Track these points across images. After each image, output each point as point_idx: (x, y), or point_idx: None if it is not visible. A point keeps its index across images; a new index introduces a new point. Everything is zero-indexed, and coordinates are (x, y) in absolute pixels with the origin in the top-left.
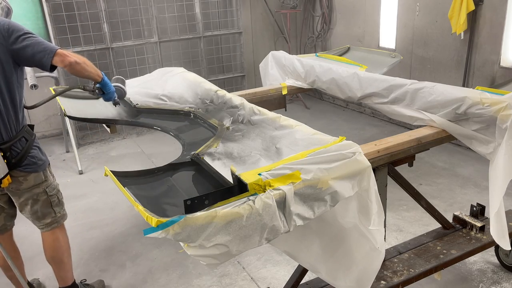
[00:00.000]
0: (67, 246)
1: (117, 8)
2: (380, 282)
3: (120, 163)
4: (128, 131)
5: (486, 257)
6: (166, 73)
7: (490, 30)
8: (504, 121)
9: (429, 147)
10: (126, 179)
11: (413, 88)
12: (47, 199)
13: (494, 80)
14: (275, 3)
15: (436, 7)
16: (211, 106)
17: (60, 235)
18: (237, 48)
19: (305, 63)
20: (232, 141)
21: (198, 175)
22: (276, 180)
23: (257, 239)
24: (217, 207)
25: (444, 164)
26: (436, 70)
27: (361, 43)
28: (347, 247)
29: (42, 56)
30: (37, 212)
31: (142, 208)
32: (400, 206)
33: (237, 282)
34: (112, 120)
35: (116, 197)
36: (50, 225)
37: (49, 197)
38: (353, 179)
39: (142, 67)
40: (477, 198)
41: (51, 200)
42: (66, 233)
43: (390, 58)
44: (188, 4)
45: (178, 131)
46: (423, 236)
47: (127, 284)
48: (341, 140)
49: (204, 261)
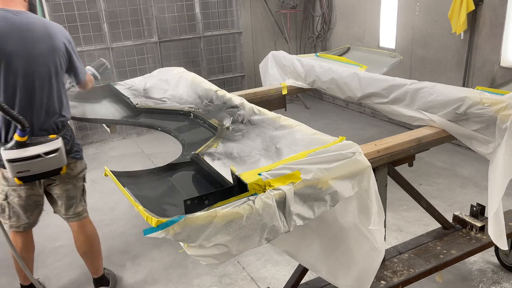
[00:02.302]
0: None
1: (117, 8)
2: (380, 282)
3: (120, 163)
4: (128, 131)
5: (486, 257)
6: (166, 73)
7: (490, 30)
8: (504, 121)
9: (429, 147)
10: (126, 179)
11: (413, 88)
12: (82, 186)
13: (494, 80)
14: (275, 3)
15: (436, 7)
16: (211, 106)
17: (91, 225)
18: (237, 48)
19: (305, 63)
20: (232, 141)
21: (198, 175)
22: (276, 180)
23: (257, 239)
24: (217, 207)
25: (444, 164)
26: (436, 70)
27: (361, 43)
28: (347, 246)
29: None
30: (73, 199)
31: (142, 208)
32: (400, 206)
33: (237, 282)
34: (112, 120)
35: (116, 197)
36: (81, 215)
37: (83, 184)
38: (353, 179)
39: (142, 67)
40: (477, 198)
41: (84, 188)
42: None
43: (390, 58)
44: (188, 4)
45: (178, 131)
46: (423, 236)
47: (127, 284)
48: (341, 140)
49: (204, 261)
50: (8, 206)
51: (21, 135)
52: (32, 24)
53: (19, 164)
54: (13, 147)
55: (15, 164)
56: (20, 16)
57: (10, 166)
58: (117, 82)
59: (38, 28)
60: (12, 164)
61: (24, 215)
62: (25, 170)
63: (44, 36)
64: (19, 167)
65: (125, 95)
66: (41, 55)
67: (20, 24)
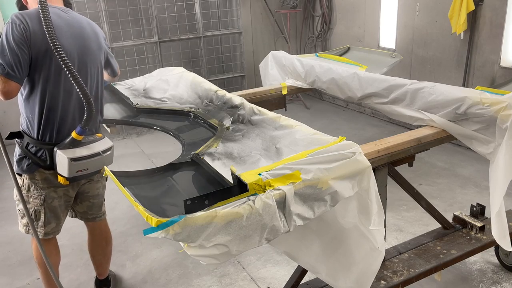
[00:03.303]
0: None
1: (117, 8)
2: (380, 282)
3: (120, 163)
4: (128, 131)
5: (486, 257)
6: (166, 73)
7: (490, 30)
8: (504, 121)
9: (429, 147)
10: (126, 179)
11: (413, 88)
12: (105, 185)
13: (494, 80)
14: (275, 3)
15: (436, 7)
16: (211, 106)
17: (108, 225)
18: (237, 48)
19: (305, 63)
20: (232, 141)
21: (198, 175)
22: (276, 180)
23: (257, 239)
24: (217, 207)
25: (444, 164)
26: (436, 70)
27: (361, 43)
28: (347, 247)
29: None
30: (102, 197)
31: (142, 208)
32: (400, 206)
33: (237, 282)
34: (112, 120)
35: (116, 197)
36: (104, 213)
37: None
38: (353, 179)
39: (142, 67)
40: (477, 198)
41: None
42: None
43: (390, 58)
44: (188, 4)
45: (178, 131)
46: (423, 236)
47: (127, 284)
48: (341, 140)
49: (204, 261)
50: (44, 211)
51: (80, 133)
52: (80, 21)
53: (81, 163)
54: (69, 146)
55: (78, 163)
56: (69, 14)
57: (71, 165)
58: (117, 82)
59: (85, 26)
60: (74, 163)
61: (62, 217)
62: (84, 169)
63: (91, 34)
64: (80, 166)
65: (125, 95)
66: (92, 53)
67: (72, 21)
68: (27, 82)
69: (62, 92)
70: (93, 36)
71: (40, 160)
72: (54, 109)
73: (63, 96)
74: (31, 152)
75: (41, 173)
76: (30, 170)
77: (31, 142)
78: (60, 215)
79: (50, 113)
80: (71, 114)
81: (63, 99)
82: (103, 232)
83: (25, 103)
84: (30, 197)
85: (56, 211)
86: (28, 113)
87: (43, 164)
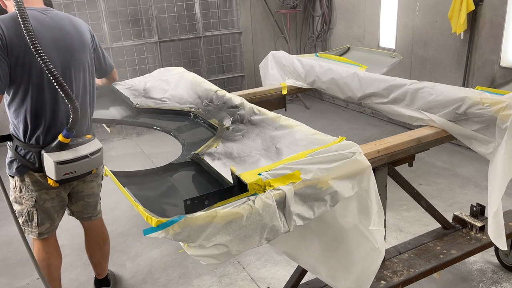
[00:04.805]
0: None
1: (117, 8)
2: (380, 282)
3: (120, 163)
4: (128, 131)
5: (486, 257)
6: (166, 73)
7: (490, 30)
8: (504, 121)
9: (429, 147)
10: (126, 179)
11: (413, 88)
12: (101, 184)
13: (494, 80)
14: (275, 3)
15: (436, 7)
16: (211, 106)
17: (104, 224)
18: (237, 48)
19: (305, 63)
20: (232, 141)
21: (198, 175)
22: (276, 180)
23: (257, 239)
24: (217, 207)
25: (444, 164)
26: (436, 70)
27: (361, 43)
28: (347, 247)
29: (108, 62)
30: (97, 197)
31: (142, 208)
32: (400, 206)
33: (237, 282)
34: (112, 120)
35: (116, 197)
36: (100, 212)
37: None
38: (353, 179)
39: (142, 67)
40: (477, 198)
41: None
42: None
43: (390, 58)
44: (188, 4)
45: (178, 131)
46: (423, 236)
47: (127, 284)
48: (341, 140)
49: (204, 261)
50: (37, 212)
51: (67, 136)
52: (61, 21)
53: (68, 166)
54: (56, 149)
55: (64, 166)
56: (49, 14)
57: (58, 168)
58: (117, 82)
59: (66, 25)
60: (61, 166)
61: (57, 217)
62: (71, 172)
63: (73, 33)
64: (67, 169)
65: (125, 95)
66: (75, 53)
67: (51, 23)
68: (8, 90)
69: (47, 96)
70: (75, 34)
71: (29, 163)
72: (39, 113)
73: (48, 99)
74: (20, 155)
75: (31, 176)
76: (20, 172)
77: (19, 145)
78: (54, 215)
79: (36, 117)
80: (59, 117)
81: (49, 103)
82: (99, 231)
83: (9, 109)
84: (22, 199)
85: (49, 212)
86: (13, 118)
87: (32, 166)
